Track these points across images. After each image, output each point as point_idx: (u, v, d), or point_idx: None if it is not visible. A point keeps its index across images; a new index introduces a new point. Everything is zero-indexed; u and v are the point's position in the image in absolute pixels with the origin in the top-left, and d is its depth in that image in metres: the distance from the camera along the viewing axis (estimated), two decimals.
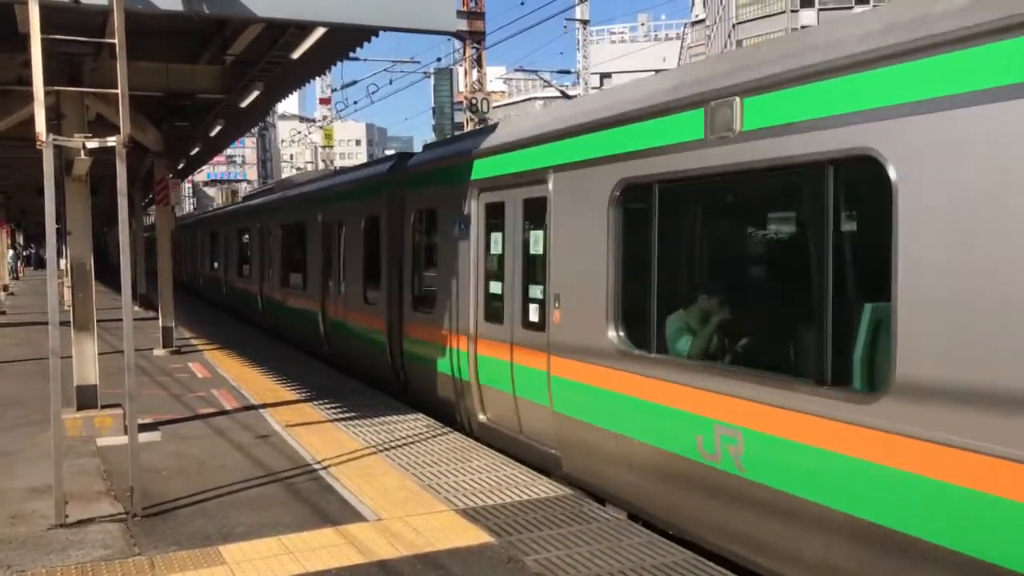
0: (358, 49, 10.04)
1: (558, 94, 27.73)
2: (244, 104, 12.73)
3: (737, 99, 5.47)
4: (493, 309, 8.70)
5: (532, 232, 8.08)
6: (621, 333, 6.61)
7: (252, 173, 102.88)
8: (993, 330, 4.03)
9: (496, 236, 8.76)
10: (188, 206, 67.83)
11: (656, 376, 6.12)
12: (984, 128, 4.09)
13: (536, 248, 7.96)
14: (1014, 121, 3.95)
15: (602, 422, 6.77)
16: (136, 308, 19.57)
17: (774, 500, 5.14)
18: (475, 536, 5.92)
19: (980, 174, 4.12)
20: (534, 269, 8.00)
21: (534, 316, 7.94)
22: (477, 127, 20.11)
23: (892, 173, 4.52)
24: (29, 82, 6.36)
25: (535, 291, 7.99)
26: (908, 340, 4.41)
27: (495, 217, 8.76)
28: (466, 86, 29.09)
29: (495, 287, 8.76)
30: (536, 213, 7.88)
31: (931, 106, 4.33)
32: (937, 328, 4.28)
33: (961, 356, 4.17)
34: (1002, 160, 4.02)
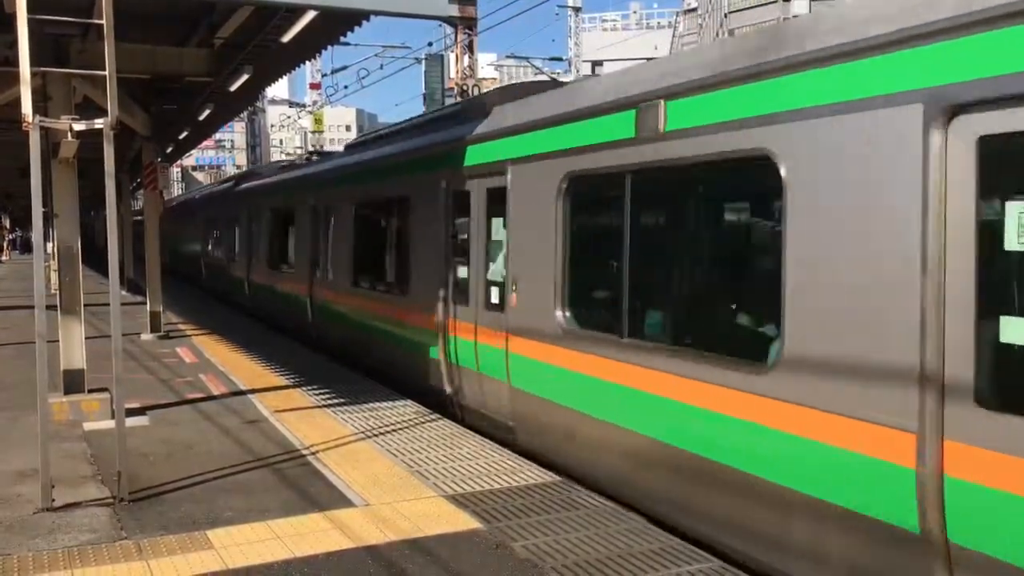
0: (348, 34, 9.97)
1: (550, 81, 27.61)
2: (233, 88, 12.64)
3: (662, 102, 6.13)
4: None
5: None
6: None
7: (241, 158, 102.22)
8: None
9: None
10: (176, 190, 67.36)
11: None
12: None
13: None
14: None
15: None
16: (124, 293, 19.51)
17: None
18: (463, 522, 5.93)
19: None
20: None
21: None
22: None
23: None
24: (15, 63, 6.29)
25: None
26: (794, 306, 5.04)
27: None
28: (457, 72, 28.94)
29: None
30: None
31: (821, 111, 4.85)
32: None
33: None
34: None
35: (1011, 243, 3.89)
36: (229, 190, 24.27)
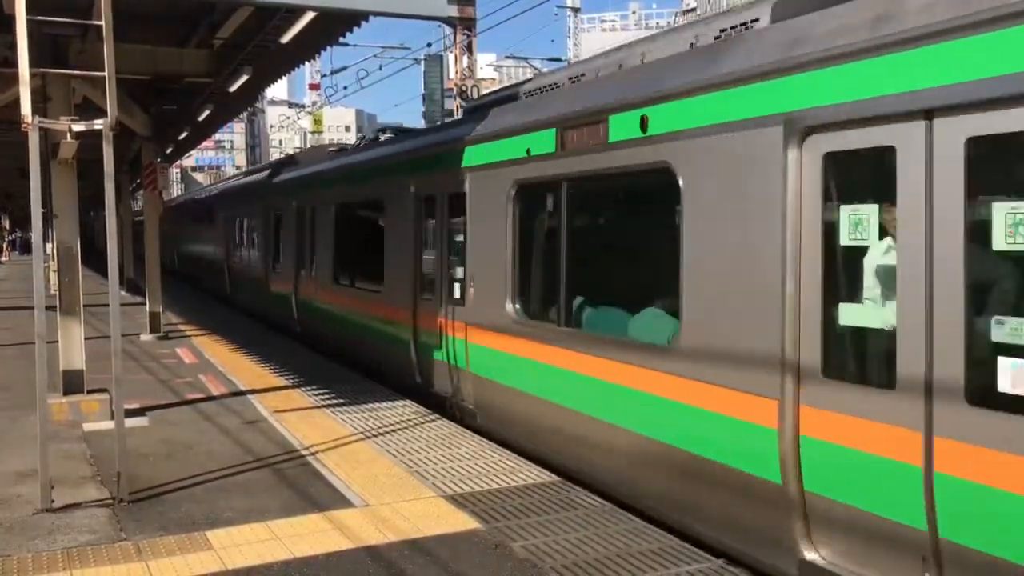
0: (348, 34, 9.99)
1: None
2: (233, 88, 12.65)
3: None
4: None
5: None
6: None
7: (241, 158, 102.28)
8: None
9: None
10: (176, 191, 67.32)
11: None
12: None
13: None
14: None
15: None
16: (123, 293, 19.50)
17: None
18: (463, 522, 5.93)
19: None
20: None
21: None
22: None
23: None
24: (14, 64, 6.30)
25: None
26: None
27: None
28: (456, 73, 28.96)
29: None
30: None
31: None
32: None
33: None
34: None
35: None
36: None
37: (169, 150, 22.42)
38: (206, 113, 15.94)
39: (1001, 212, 4.02)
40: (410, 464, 7.34)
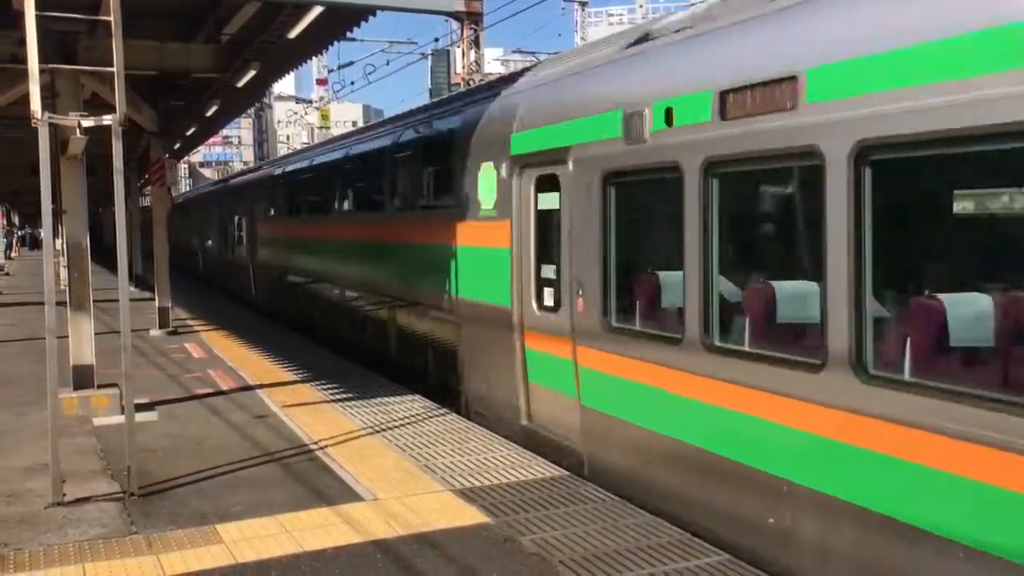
0: (355, 29, 9.97)
1: None
2: (240, 84, 12.65)
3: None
4: None
5: None
6: None
7: (248, 154, 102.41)
8: None
9: None
10: (184, 187, 67.39)
11: None
12: None
13: None
14: None
15: None
16: (132, 288, 19.52)
17: None
18: (472, 516, 5.95)
19: None
20: None
21: None
22: None
23: None
24: (23, 60, 6.32)
25: None
26: None
27: None
28: (463, 68, 28.90)
29: None
30: None
31: None
32: None
33: None
34: None
35: None
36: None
37: (176, 146, 22.44)
38: (213, 109, 15.93)
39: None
40: (419, 458, 7.35)
